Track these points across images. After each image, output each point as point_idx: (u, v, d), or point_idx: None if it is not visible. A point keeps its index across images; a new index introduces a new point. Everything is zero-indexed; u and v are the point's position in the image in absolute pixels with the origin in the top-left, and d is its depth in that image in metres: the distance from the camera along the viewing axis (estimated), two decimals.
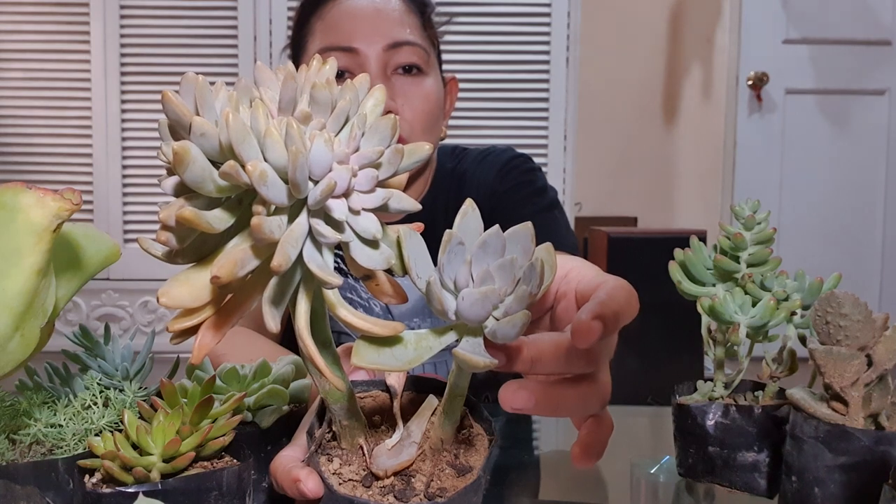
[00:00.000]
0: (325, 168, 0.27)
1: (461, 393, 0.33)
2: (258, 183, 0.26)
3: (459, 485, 0.32)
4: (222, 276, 0.27)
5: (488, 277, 0.30)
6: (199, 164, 0.27)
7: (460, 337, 0.32)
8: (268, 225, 0.27)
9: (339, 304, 0.30)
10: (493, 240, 0.31)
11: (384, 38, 0.86)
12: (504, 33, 2.39)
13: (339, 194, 0.28)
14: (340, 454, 0.35)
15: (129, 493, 0.37)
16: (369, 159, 0.29)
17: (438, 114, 0.92)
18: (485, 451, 0.34)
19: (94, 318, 2.37)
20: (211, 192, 0.28)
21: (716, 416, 0.54)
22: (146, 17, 2.35)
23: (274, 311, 0.29)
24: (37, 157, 2.39)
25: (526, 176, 0.98)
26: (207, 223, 0.28)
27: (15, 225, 0.37)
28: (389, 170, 0.29)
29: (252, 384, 0.49)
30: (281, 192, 0.27)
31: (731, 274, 0.55)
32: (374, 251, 0.30)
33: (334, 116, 0.29)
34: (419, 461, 0.34)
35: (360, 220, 0.29)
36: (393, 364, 0.31)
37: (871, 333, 0.45)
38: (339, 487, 0.33)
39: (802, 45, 2.84)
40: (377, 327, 0.30)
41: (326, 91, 0.28)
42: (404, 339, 0.32)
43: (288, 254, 0.27)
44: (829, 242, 2.85)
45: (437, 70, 0.93)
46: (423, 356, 0.31)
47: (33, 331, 0.38)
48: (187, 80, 0.28)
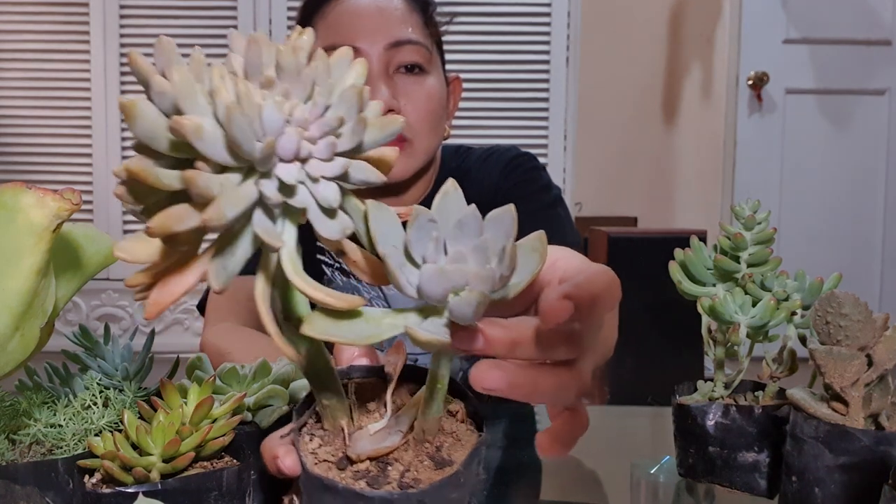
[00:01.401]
0: (276, 130, 0.27)
1: (441, 381, 0.33)
2: (194, 137, 0.26)
3: (435, 477, 0.32)
4: (154, 228, 0.27)
5: (461, 257, 0.30)
6: (149, 119, 0.27)
7: (425, 318, 0.31)
8: (203, 180, 0.26)
9: (295, 273, 0.29)
10: (470, 220, 0.30)
11: (386, 37, 0.86)
12: (504, 33, 2.39)
13: (289, 158, 0.28)
14: (322, 435, 0.34)
15: (129, 493, 0.37)
16: (329, 127, 0.28)
17: (441, 113, 0.92)
18: (470, 447, 0.33)
19: (93, 318, 2.37)
20: (165, 149, 0.28)
21: (716, 417, 0.54)
22: (146, 17, 2.35)
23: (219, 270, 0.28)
24: (37, 157, 2.39)
25: (529, 174, 0.98)
26: (156, 178, 0.27)
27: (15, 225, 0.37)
28: (352, 140, 0.29)
29: (252, 384, 0.49)
30: (220, 148, 0.27)
31: (732, 274, 0.55)
32: (331, 220, 0.29)
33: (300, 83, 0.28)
34: (401, 450, 0.33)
35: (318, 188, 0.29)
36: (348, 337, 0.30)
37: (872, 333, 0.45)
38: (312, 467, 0.32)
39: (802, 45, 2.84)
40: (333, 299, 0.29)
41: (292, 58, 0.28)
42: (364, 314, 0.31)
43: (222, 210, 0.26)
44: (829, 242, 2.85)
45: (440, 69, 0.93)
46: (383, 333, 0.31)
47: (33, 331, 0.38)
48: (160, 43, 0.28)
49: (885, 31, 2.83)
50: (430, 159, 0.93)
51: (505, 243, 0.30)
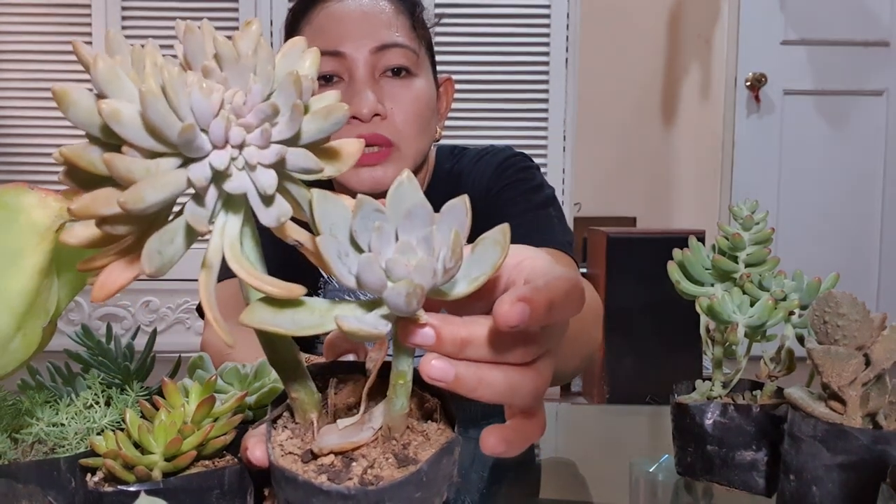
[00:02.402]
0: (206, 116, 0.27)
1: (402, 377, 0.32)
2: (111, 121, 0.26)
3: (397, 475, 0.31)
4: (75, 210, 0.27)
5: (408, 248, 0.30)
6: (81, 106, 0.27)
7: (369, 311, 0.31)
8: (124, 163, 0.26)
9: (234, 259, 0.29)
10: (419, 210, 0.30)
11: (371, 41, 0.86)
12: (504, 34, 2.39)
13: (220, 144, 0.28)
14: (294, 428, 0.34)
15: (131, 491, 0.38)
16: (264, 114, 0.28)
17: (430, 115, 0.91)
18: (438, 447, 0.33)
19: (95, 317, 2.37)
20: (100, 135, 0.28)
21: (714, 416, 0.54)
22: (147, 17, 2.35)
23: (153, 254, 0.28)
24: (39, 157, 2.39)
25: (521, 174, 0.97)
26: (89, 162, 0.27)
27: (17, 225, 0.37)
28: (290, 127, 0.29)
29: (253, 383, 0.49)
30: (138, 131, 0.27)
31: (730, 274, 0.56)
32: (268, 207, 0.29)
33: (239, 72, 0.28)
34: (370, 447, 0.33)
35: (256, 176, 0.29)
36: (289, 327, 0.30)
37: (869, 333, 0.45)
38: (278, 459, 0.32)
39: (800, 46, 2.84)
40: (272, 287, 0.29)
41: (230, 47, 0.28)
42: (309, 304, 0.31)
43: (141, 194, 0.26)
44: (827, 242, 2.85)
45: (429, 71, 0.93)
46: (326, 324, 0.30)
47: (35, 330, 0.38)
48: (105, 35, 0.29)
49: (883, 33, 2.84)
50: (421, 162, 0.93)
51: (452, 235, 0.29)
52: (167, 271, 0.29)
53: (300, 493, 0.31)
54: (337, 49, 0.85)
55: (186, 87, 0.27)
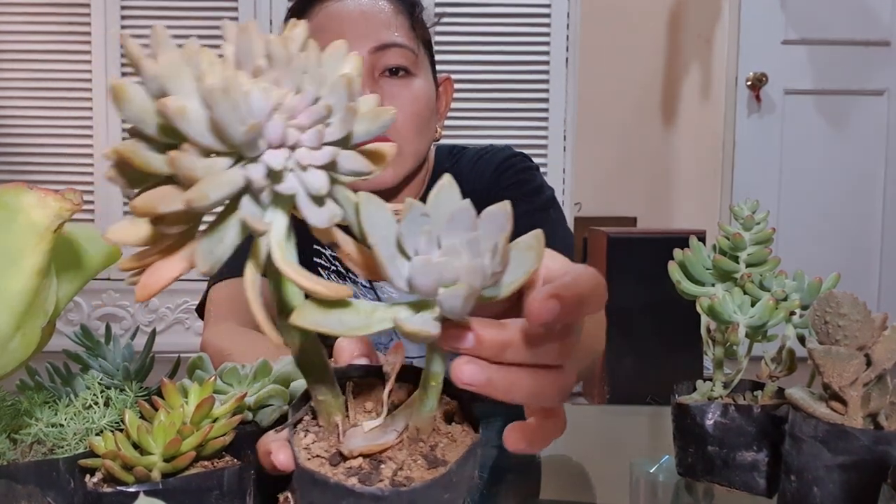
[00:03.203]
0: (263, 116, 0.27)
1: (435, 379, 0.32)
2: (176, 117, 0.26)
3: (427, 476, 0.31)
4: (137, 208, 0.27)
5: (453, 251, 0.30)
6: (137, 103, 0.27)
7: (416, 312, 0.31)
8: (188, 160, 0.27)
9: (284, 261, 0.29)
10: (463, 214, 0.30)
11: (370, 41, 0.86)
12: (504, 34, 2.39)
13: (276, 144, 0.28)
14: (317, 431, 0.34)
15: (130, 492, 0.38)
16: (318, 115, 0.28)
17: (429, 115, 0.91)
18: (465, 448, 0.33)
19: (94, 317, 2.37)
20: (154, 132, 0.28)
21: (715, 416, 0.54)
22: (147, 17, 2.35)
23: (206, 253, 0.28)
24: (38, 157, 2.39)
25: (521, 175, 0.97)
26: (144, 161, 0.27)
27: (16, 225, 0.37)
28: (342, 129, 0.29)
29: (253, 383, 0.49)
30: (204, 131, 0.27)
31: (730, 274, 0.55)
32: (318, 208, 0.29)
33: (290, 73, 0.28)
34: (395, 449, 0.33)
35: (306, 176, 0.29)
36: (337, 328, 0.30)
37: (870, 333, 0.45)
38: (305, 462, 0.32)
39: (801, 46, 2.84)
40: (321, 287, 0.29)
41: (283, 48, 0.28)
42: (355, 305, 0.31)
43: (205, 192, 0.26)
44: (827, 242, 2.85)
45: (429, 70, 0.93)
46: (373, 326, 0.30)
47: (34, 330, 0.38)
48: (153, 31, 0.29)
49: (884, 32, 2.83)
50: (421, 162, 0.93)
51: (497, 239, 0.30)
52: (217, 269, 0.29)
53: (330, 496, 0.31)
54: None
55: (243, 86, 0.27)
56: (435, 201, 0.31)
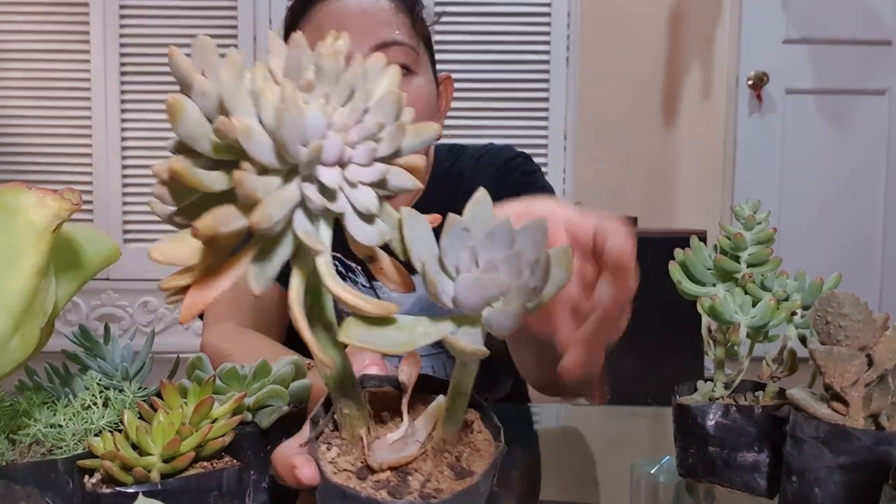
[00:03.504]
0: (319, 134, 0.27)
1: (464, 391, 0.33)
2: (242, 137, 0.26)
3: (456, 487, 0.32)
4: (201, 230, 0.27)
5: (492, 267, 0.30)
6: (192, 119, 0.27)
7: (458, 327, 0.31)
8: (251, 181, 0.27)
9: (330, 276, 0.29)
10: (502, 230, 0.30)
11: (371, 39, 0.85)
12: (504, 33, 2.39)
13: (331, 162, 0.28)
14: (340, 444, 0.34)
15: (129, 493, 0.37)
16: (369, 132, 0.28)
17: (430, 114, 0.91)
18: (489, 458, 0.33)
19: (93, 318, 2.37)
20: (207, 150, 0.28)
21: (716, 417, 0.54)
22: (146, 16, 2.35)
23: (259, 273, 0.28)
24: (37, 157, 2.39)
25: (526, 178, 0.97)
26: (197, 178, 0.27)
27: (15, 225, 0.37)
28: (391, 146, 0.29)
29: (252, 384, 0.49)
30: (268, 150, 0.27)
31: (732, 274, 0.55)
32: (368, 226, 0.29)
33: (339, 88, 0.28)
34: (420, 460, 0.33)
35: (356, 194, 0.29)
36: (382, 345, 0.30)
37: (872, 333, 0.45)
38: (332, 476, 0.32)
39: (802, 45, 2.84)
40: (369, 305, 0.29)
41: (332, 62, 0.28)
42: (398, 321, 0.31)
43: (269, 213, 0.27)
44: (829, 242, 2.85)
45: (429, 69, 0.93)
46: (417, 342, 0.31)
47: (33, 331, 0.38)
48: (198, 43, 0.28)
49: (885, 31, 2.83)
50: None
51: (538, 254, 0.30)
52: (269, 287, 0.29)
53: None
54: None
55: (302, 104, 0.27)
56: (471, 216, 0.31)
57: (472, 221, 0.31)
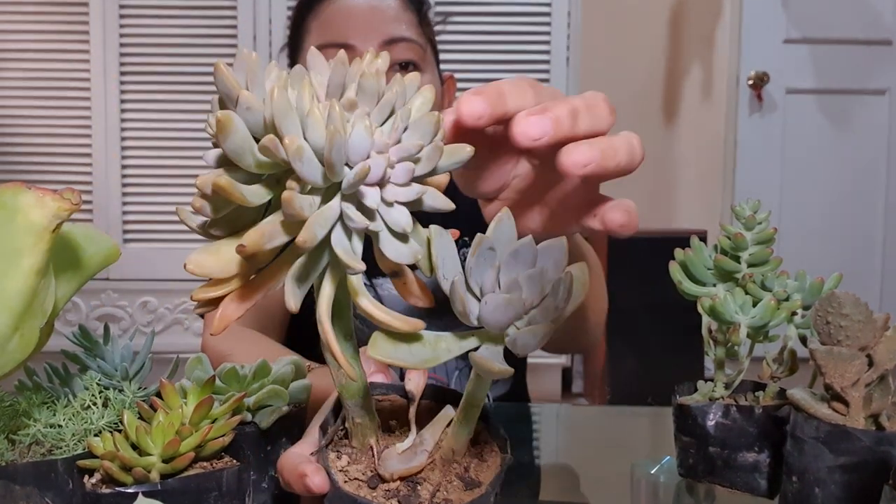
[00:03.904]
0: (363, 154, 0.28)
1: (477, 403, 0.33)
2: (294, 158, 0.27)
3: (466, 498, 0.32)
4: (248, 246, 0.27)
5: (515, 286, 0.30)
6: (240, 135, 0.28)
7: (481, 343, 0.32)
8: (299, 201, 0.27)
9: (362, 293, 0.30)
10: (525, 250, 0.31)
11: (380, 35, 0.86)
12: (504, 33, 2.39)
13: (373, 182, 0.28)
14: (350, 452, 0.35)
15: (129, 493, 0.37)
16: (408, 152, 0.29)
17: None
18: (496, 468, 0.34)
19: (93, 318, 2.37)
20: (250, 166, 0.28)
21: (716, 417, 0.54)
22: (146, 16, 2.35)
23: (296, 290, 0.29)
24: (36, 157, 2.39)
25: None
26: (241, 194, 0.28)
27: (14, 225, 0.36)
28: (428, 166, 0.29)
29: (252, 384, 0.49)
30: (316, 170, 0.27)
31: (732, 274, 0.55)
32: (402, 245, 0.30)
33: (379, 107, 0.29)
34: (428, 470, 0.34)
35: (392, 212, 0.29)
36: (408, 360, 0.31)
37: (872, 333, 0.45)
38: (343, 485, 0.32)
39: (803, 45, 2.84)
40: (397, 321, 0.30)
41: (374, 81, 0.29)
42: (423, 337, 0.31)
43: (315, 232, 0.27)
44: (829, 242, 2.85)
45: (435, 67, 0.93)
46: (440, 357, 0.31)
47: (32, 331, 0.38)
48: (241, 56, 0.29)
49: (886, 31, 2.83)
50: None
51: (561, 275, 0.30)
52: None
53: None
54: (346, 42, 0.85)
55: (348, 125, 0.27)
56: (496, 233, 0.31)
57: (495, 240, 0.31)
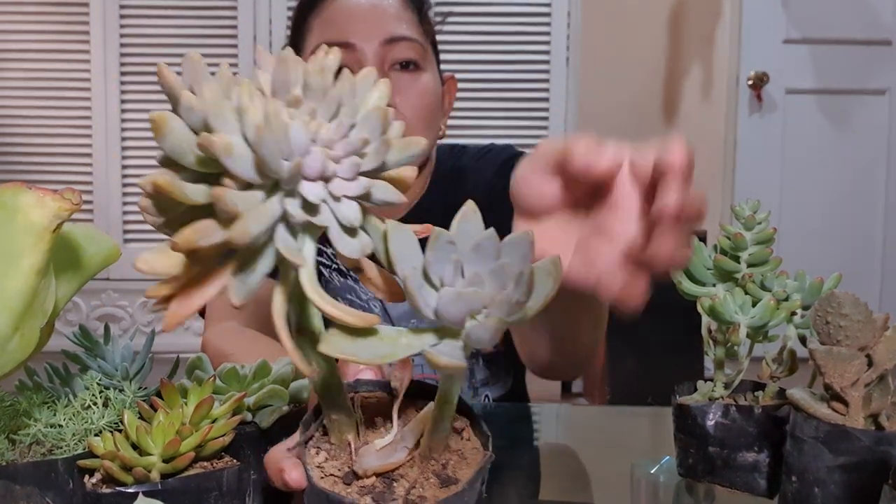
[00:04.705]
0: (302, 150, 0.27)
1: (450, 399, 0.33)
2: (222, 154, 0.26)
3: (441, 495, 0.32)
4: (180, 243, 0.27)
5: (478, 280, 0.30)
6: (177, 134, 0.27)
7: (441, 339, 0.31)
8: (230, 197, 0.27)
9: (313, 289, 0.29)
10: (488, 243, 0.30)
11: (381, 34, 0.86)
12: (504, 33, 2.39)
13: (314, 177, 0.28)
14: (329, 448, 0.35)
15: (129, 493, 0.37)
16: (354, 147, 0.28)
17: (436, 110, 0.91)
18: (476, 466, 0.33)
19: (93, 318, 2.37)
20: (192, 164, 0.28)
21: (716, 417, 0.54)
22: (146, 16, 2.35)
23: (239, 285, 0.29)
24: (37, 157, 2.39)
25: None
26: (182, 192, 0.28)
27: (15, 225, 0.37)
28: (376, 160, 0.29)
29: (252, 384, 0.49)
30: (248, 166, 0.27)
31: (732, 274, 0.55)
32: (352, 239, 0.30)
33: (325, 103, 0.29)
34: (406, 467, 0.33)
35: (341, 207, 0.29)
36: (364, 356, 0.30)
37: (872, 333, 0.45)
38: (318, 481, 0.32)
39: (803, 45, 2.84)
40: (349, 316, 0.29)
41: (319, 77, 0.28)
42: (380, 332, 0.31)
43: (248, 228, 0.27)
44: (829, 242, 2.85)
45: (435, 67, 0.93)
46: (398, 353, 0.31)
47: (33, 331, 0.38)
48: (188, 58, 0.29)
49: (886, 32, 2.83)
50: (426, 158, 0.93)
51: (522, 268, 0.30)
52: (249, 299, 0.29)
53: None
54: (347, 40, 0.85)
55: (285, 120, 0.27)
56: (459, 228, 0.31)
57: (459, 234, 0.31)
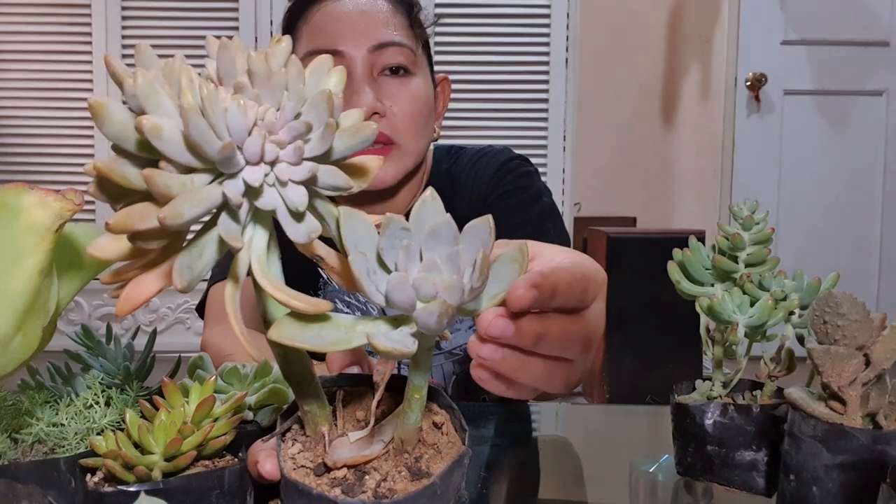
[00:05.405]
0: (240, 133, 0.27)
1: (418, 392, 0.32)
2: (151, 135, 0.26)
3: (411, 488, 0.31)
4: (113, 226, 0.27)
5: (433, 266, 0.30)
6: (116, 120, 0.28)
7: (395, 327, 0.31)
8: (162, 178, 0.27)
9: (263, 275, 0.29)
10: (444, 229, 0.30)
11: (369, 40, 0.86)
12: (504, 34, 2.39)
13: (255, 161, 0.28)
14: (304, 441, 0.35)
15: (131, 491, 0.38)
16: (297, 131, 0.28)
17: (428, 114, 0.91)
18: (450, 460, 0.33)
19: (95, 317, 2.37)
20: (133, 148, 0.28)
21: (714, 416, 0.54)
22: (147, 17, 2.35)
23: (183, 269, 0.28)
24: (39, 157, 2.39)
25: (520, 181, 0.97)
26: (122, 176, 0.27)
27: (17, 225, 0.37)
28: (322, 145, 0.29)
29: (253, 383, 0.49)
30: (180, 148, 0.27)
31: (730, 274, 0.56)
32: (298, 224, 0.30)
33: (270, 88, 0.28)
34: (381, 460, 0.33)
35: (287, 191, 0.29)
36: (316, 343, 0.30)
37: (869, 333, 0.45)
38: (290, 472, 0.32)
39: (801, 46, 2.84)
40: (298, 302, 0.29)
41: (264, 64, 0.28)
42: (334, 319, 0.31)
43: (180, 210, 0.27)
44: (827, 242, 2.85)
45: (427, 70, 0.93)
46: (353, 341, 0.31)
47: (35, 330, 0.38)
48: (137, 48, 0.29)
49: (883, 33, 2.84)
50: (420, 161, 0.93)
51: (477, 255, 0.30)
52: (196, 285, 0.29)
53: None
54: (335, 48, 0.85)
55: (222, 103, 0.27)
56: (418, 215, 0.31)
57: (418, 220, 0.31)
